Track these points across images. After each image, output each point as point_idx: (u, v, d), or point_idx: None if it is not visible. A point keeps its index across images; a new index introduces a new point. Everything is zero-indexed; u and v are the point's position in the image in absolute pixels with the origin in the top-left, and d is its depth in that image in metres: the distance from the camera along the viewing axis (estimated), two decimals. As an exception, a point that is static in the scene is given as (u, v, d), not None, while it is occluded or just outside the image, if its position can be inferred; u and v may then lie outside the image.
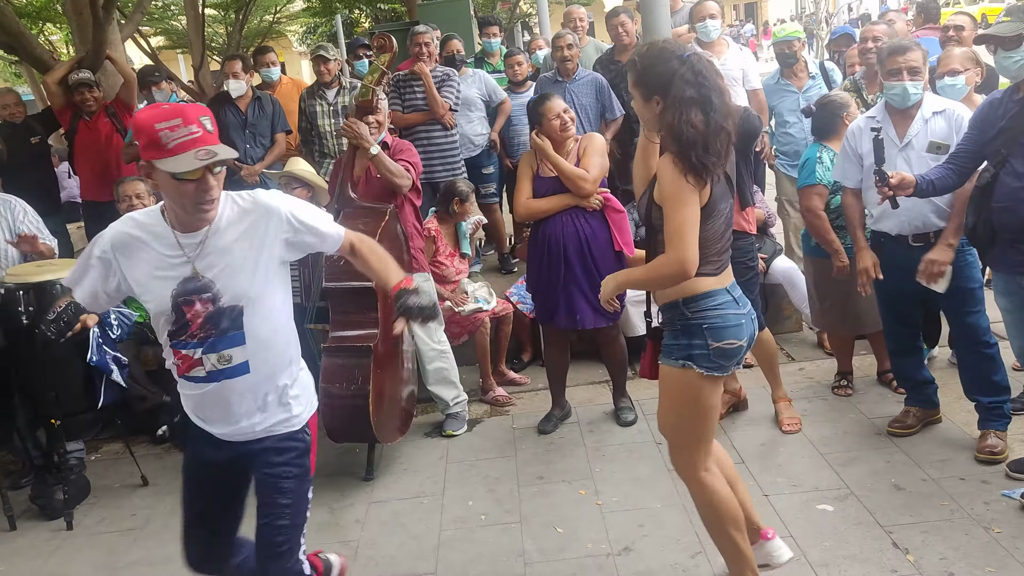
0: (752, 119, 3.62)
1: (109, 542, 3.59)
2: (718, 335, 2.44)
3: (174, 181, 2.04)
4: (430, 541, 3.30)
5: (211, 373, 2.18)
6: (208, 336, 2.16)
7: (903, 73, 3.31)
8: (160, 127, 2.01)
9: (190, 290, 2.13)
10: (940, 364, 4.26)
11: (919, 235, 3.42)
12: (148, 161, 2.06)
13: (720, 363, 2.46)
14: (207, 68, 11.69)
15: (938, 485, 3.28)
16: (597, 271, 3.86)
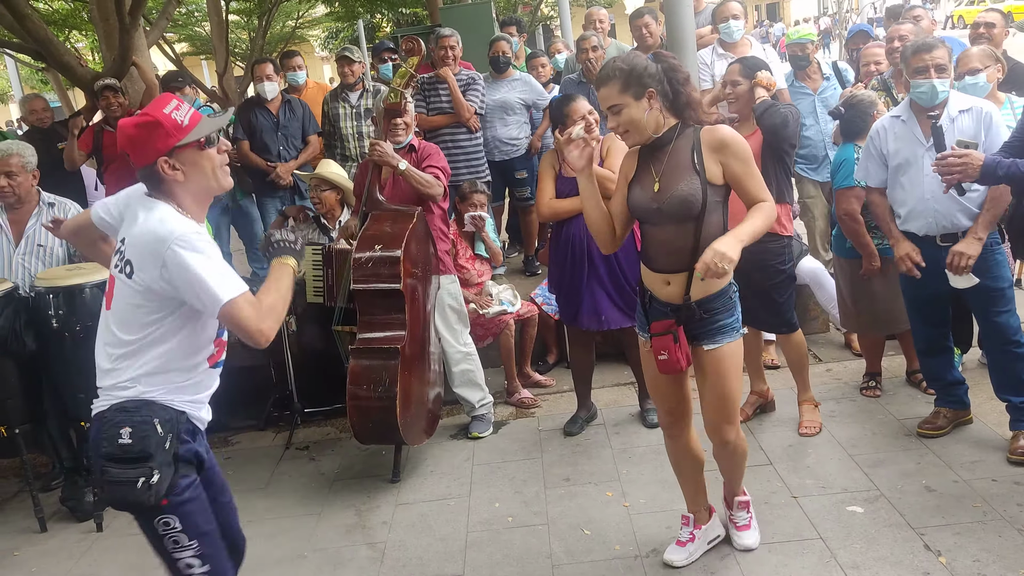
0: (776, 114, 3.57)
1: (140, 543, 3.54)
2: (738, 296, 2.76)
3: (201, 152, 2.17)
4: (457, 543, 3.30)
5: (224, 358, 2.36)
6: None
7: (930, 71, 3.27)
8: (169, 112, 2.14)
9: None
10: (971, 364, 4.21)
11: (947, 235, 3.38)
12: (171, 149, 2.13)
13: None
14: (231, 74, 11.80)
15: (970, 486, 3.23)
16: (621, 271, 3.85)
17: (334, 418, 4.57)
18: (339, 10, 18.27)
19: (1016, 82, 4.38)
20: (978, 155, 2.98)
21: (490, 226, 4.88)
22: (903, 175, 3.42)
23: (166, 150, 2.13)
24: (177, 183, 2.17)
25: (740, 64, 3.76)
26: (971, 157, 2.97)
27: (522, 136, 5.72)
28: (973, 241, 3.28)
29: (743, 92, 3.68)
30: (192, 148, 2.16)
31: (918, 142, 3.35)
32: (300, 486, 3.94)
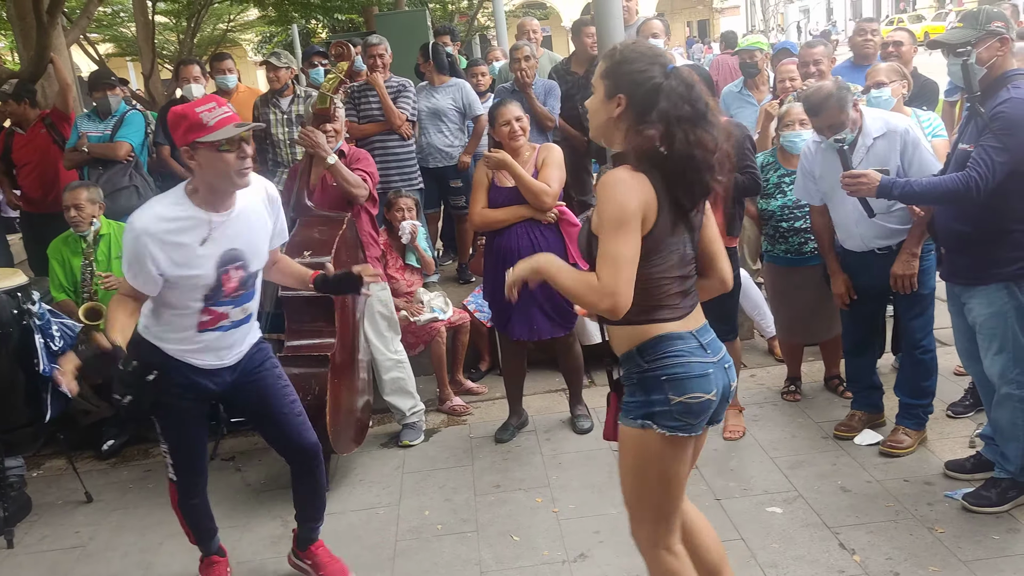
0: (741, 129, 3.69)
1: (52, 560, 3.49)
2: (680, 387, 2.07)
3: (217, 154, 2.47)
4: (385, 552, 3.27)
5: (235, 322, 2.75)
6: (238, 295, 2.70)
7: (824, 130, 3.38)
8: (200, 110, 2.46)
9: (227, 260, 2.62)
10: (883, 369, 4.37)
11: (882, 247, 3.53)
12: (191, 142, 2.47)
13: (685, 421, 2.09)
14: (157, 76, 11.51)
15: (883, 487, 3.36)
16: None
17: (261, 428, 4.48)
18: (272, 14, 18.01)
19: (926, 97, 4.60)
20: (875, 175, 3.15)
21: (423, 235, 4.87)
22: (831, 200, 3.57)
23: (187, 143, 2.48)
24: (196, 170, 2.52)
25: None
26: (868, 176, 3.15)
27: (457, 143, 5.73)
28: (908, 259, 3.45)
29: None
30: (210, 147, 2.46)
31: (838, 166, 3.46)
32: (225, 497, 3.84)
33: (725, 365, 2.17)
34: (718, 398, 2.13)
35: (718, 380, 2.13)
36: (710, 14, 44.07)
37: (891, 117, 3.51)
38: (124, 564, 3.39)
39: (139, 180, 5.26)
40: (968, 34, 2.94)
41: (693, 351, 2.10)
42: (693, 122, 2.01)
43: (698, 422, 2.12)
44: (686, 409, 2.08)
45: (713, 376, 2.11)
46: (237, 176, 2.52)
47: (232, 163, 2.49)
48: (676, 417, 2.08)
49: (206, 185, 2.55)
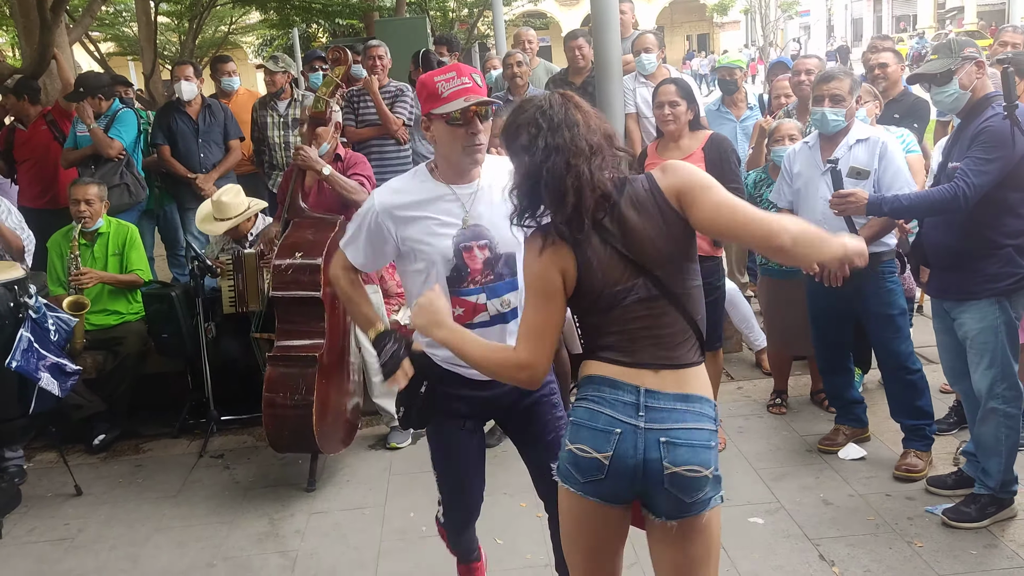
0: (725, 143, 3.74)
1: (39, 551, 3.51)
2: (574, 434, 1.88)
3: (448, 127, 2.24)
4: (370, 552, 3.30)
5: (494, 317, 2.36)
6: (488, 281, 2.33)
7: (825, 100, 3.47)
8: (438, 80, 2.24)
9: (469, 236, 2.31)
10: (870, 385, 4.43)
11: None
12: (427, 113, 2.27)
13: (571, 472, 1.88)
14: (158, 76, 11.54)
15: (864, 500, 3.40)
16: None
17: (252, 426, 4.51)
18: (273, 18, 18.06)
19: (917, 115, 4.67)
20: (862, 193, 3.22)
21: None
22: (802, 197, 3.62)
23: (424, 113, 2.28)
24: (433, 143, 2.33)
25: (675, 85, 3.80)
26: (856, 195, 3.22)
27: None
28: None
29: (682, 112, 3.72)
30: (441, 119, 2.24)
31: (817, 167, 3.54)
32: (213, 494, 3.88)
33: (660, 439, 1.82)
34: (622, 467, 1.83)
35: (627, 447, 1.83)
36: (710, 28, 44.32)
37: (876, 129, 3.62)
38: (111, 557, 3.42)
39: (130, 178, 5.30)
40: (946, 63, 3.02)
41: (615, 403, 1.85)
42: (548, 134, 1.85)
43: (585, 482, 1.87)
44: (573, 459, 1.88)
45: (621, 439, 1.83)
46: (467, 152, 2.26)
47: (462, 137, 2.24)
48: (566, 464, 1.90)
49: (443, 158, 2.33)
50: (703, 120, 4.96)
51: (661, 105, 3.74)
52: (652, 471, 1.83)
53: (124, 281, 4.60)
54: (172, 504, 3.80)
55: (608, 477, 1.85)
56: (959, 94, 3.02)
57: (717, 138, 3.89)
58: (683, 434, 1.84)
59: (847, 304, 3.62)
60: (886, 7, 44.81)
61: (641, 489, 1.88)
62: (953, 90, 3.02)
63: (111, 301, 4.57)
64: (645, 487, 1.86)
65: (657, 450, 1.82)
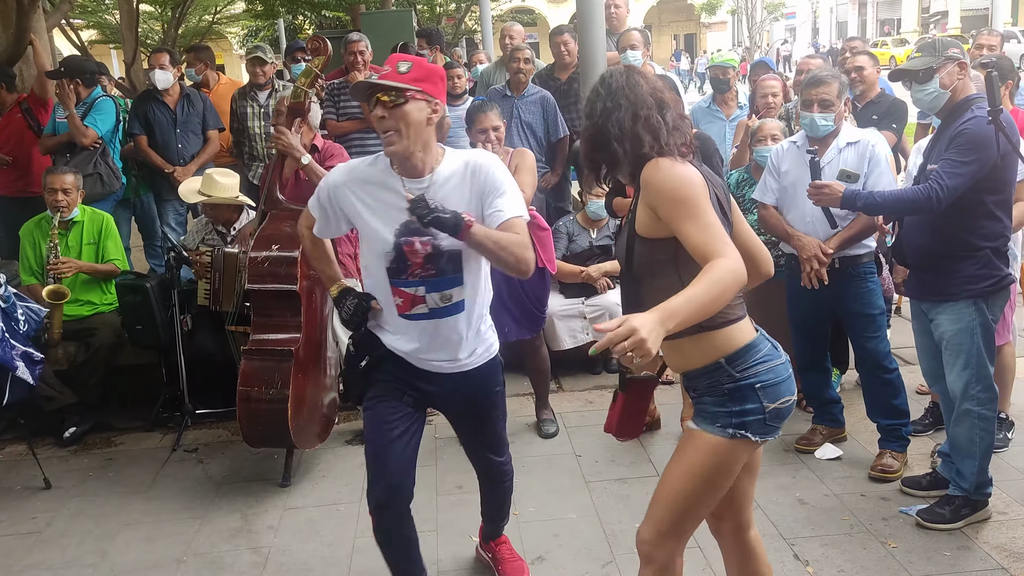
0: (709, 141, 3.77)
1: (6, 545, 3.45)
2: (774, 394, 2.04)
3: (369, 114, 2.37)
4: (344, 548, 3.27)
5: (433, 311, 2.42)
6: (429, 275, 2.38)
7: (814, 105, 3.47)
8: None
9: (411, 231, 2.33)
10: (848, 385, 4.44)
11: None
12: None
13: (775, 426, 2.09)
14: (139, 65, 11.40)
15: (840, 500, 3.41)
16: (520, 285, 3.90)
17: (227, 420, 4.45)
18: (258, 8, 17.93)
19: (894, 117, 4.69)
20: (839, 185, 3.23)
21: None
22: (788, 197, 3.61)
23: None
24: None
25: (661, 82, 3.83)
26: (831, 187, 3.23)
27: None
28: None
29: None
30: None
31: (806, 168, 3.54)
32: (185, 489, 3.82)
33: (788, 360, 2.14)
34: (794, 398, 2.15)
35: (792, 383, 2.14)
36: (697, 28, 44.44)
37: (865, 132, 3.63)
38: (79, 551, 3.36)
39: (104, 168, 5.23)
40: (928, 61, 3.02)
41: (773, 355, 2.09)
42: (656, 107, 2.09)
43: (781, 425, 2.12)
44: (777, 415, 2.07)
45: (792, 376, 2.13)
46: (383, 141, 2.31)
47: (375, 123, 2.32)
48: (768, 423, 2.06)
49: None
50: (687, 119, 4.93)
51: None
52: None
53: (102, 271, 4.54)
54: (143, 499, 3.75)
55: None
56: (939, 93, 3.02)
57: (701, 137, 3.88)
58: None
59: (826, 304, 3.63)
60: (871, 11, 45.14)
61: None
62: (933, 89, 3.02)
63: (84, 291, 4.50)
64: None
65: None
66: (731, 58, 5.51)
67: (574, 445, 4.03)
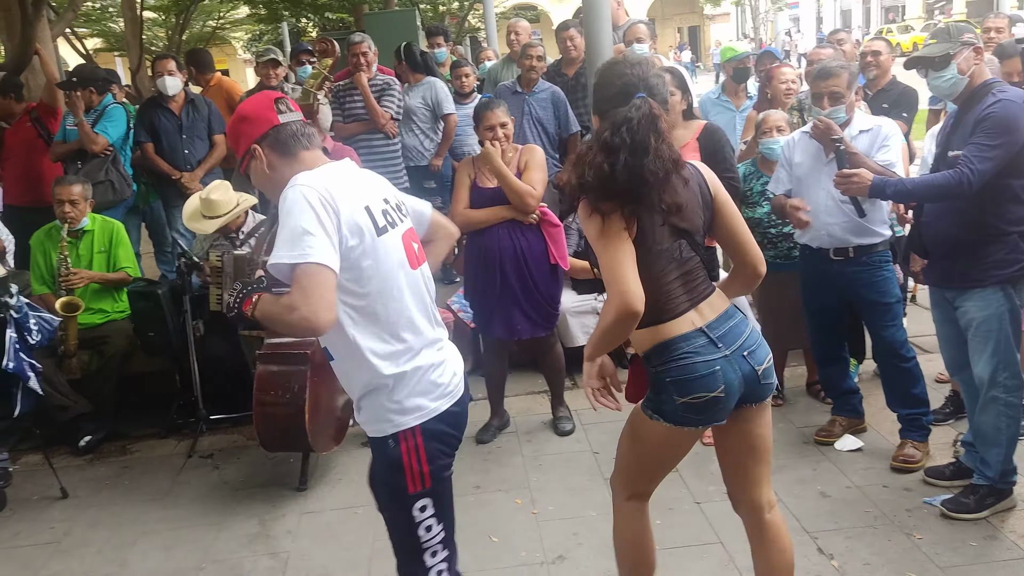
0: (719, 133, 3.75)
1: (25, 556, 3.44)
2: (683, 389, 2.17)
3: None
4: (363, 552, 3.25)
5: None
6: None
7: (824, 99, 3.43)
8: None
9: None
10: (866, 375, 4.39)
11: (839, 249, 3.53)
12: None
13: (691, 417, 2.20)
14: (144, 72, 11.43)
15: (862, 492, 3.37)
16: (533, 283, 3.87)
17: (242, 425, 4.45)
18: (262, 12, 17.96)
19: (905, 105, 4.64)
20: (867, 174, 3.16)
21: None
22: (802, 187, 3.57)
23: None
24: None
25: (668, 75, 3.78)
26: (860, 175, 3.16)
27: (428, 143, 5.71)
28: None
29: (676, 102, 3.68)
30: None
31: (819, 158, 3.50)
32: (202, 495, 3.82)
33: (743, 353, 2.21)
34: (733, 389, 2.19)
35: (728, 374, 2.18)
36: (701, 20, 44.26)
37: (878, 119, 3.59)
38: (98, 560, 3.35)
39: (115, 175, 5.23)
40: (944, 47, 2.98)
41: (699, 351, 2.17)
42: (603, 149, 2.08)
43: (706, 416, 2.21)
44: (691, 408, 2.19)
45: (721, 372, 2.17)
46: None
47: None
48: (682, 415, 2.21)
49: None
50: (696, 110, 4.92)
51: None
52: (750, 378, 2.23)
53: (113, 279, 4.53)
54: (160, 506, 3.74)
55: (726, 402, 2.21)
56: (957, 79, 2.98)
57: (711, 128, 3.84)
58: (749, 340, 2.25)
59: (842, 294, 3.59)
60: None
61: (745, 395, 2.25)
62: (951, 75, 2.98)
63: (96, 299, 4.50)
64: (749, 391, 2.25)
65: (746, 362, 2.22)
66: (743, 49, 5.47)
67: (591, 442, 4.00)
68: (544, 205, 3.95)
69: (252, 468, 4.05)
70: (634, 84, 2.14)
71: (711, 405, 2.19)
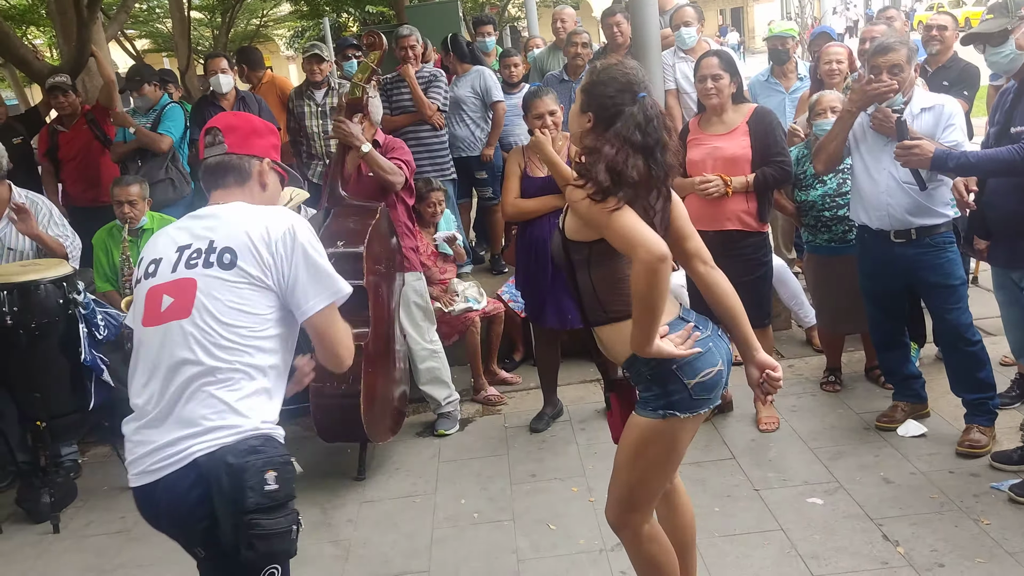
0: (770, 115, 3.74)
1: (97, 544, 3.56)
2: (691, 371, 2.18)
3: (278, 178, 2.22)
4: (423, 539, 3.29)
5: None
6: None
7: (883, 73, 3.35)
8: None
9: None
10: (928, 360, 4.29)
11: (900, 231, 3.45)
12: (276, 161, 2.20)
13: (704, 397, 2.21)
14: (193, 71, 11.65)
15: (927, 478, 3.30)
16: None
17: (300, 417, 4.52)
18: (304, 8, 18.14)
19: (967, 82, 4.50)
20: (928, 145, 3.09)
21: (453, 225, 4.88)
22: (864, 167, 3.48)
23: (277, 156, 2.17)
24: (261, 188, 2.10)
25: (717, 57, 3.73)
26: (922, 147, 3.09)
27: (478, 132, 5.72)
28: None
29: (725, 85, 3.66)
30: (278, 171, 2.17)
31: (880, 139, 3.42)
32: (263, 485, 3.89)
33: (719, 333, 2.28)
34: (726, 366, 2.24)
35: (720, 349, 2.23)
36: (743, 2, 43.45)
37: (939, 96, 3.49)
38: (168, 548, 3.34)
39: (175, 173, 5.34)
40: (1002, 23, 2.90)
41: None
42: (639, 150, 2.09)
43: (715, 394, 2.23)
44: (702, 387, 2.19)
45: (714, 348, 2.22)
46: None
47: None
48: (694, 398, 2.19)
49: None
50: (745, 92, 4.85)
51: (704, 79, 3.66)
52: (730, 356, 2.27)
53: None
54: (224, 495, 3.83)
55: (724, 380, 2.23)
56: (1015, 55, 2.91)
57: (762, 111, 3.79)
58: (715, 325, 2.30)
59: (903, 277, 3.50)
60: (926, -28, 43.47)
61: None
62: (1009, 50, 2.91)
63: (158, 295, 4.60)
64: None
65: (723, 342, 2.26)
66: (790, 28, 5.36)
67: (645, 430, 3.99)
68: None
69: (311, 458, 4.11)
70: (637, 83, 2.15)
71: (718, 380, 2.21)
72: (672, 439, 2.24)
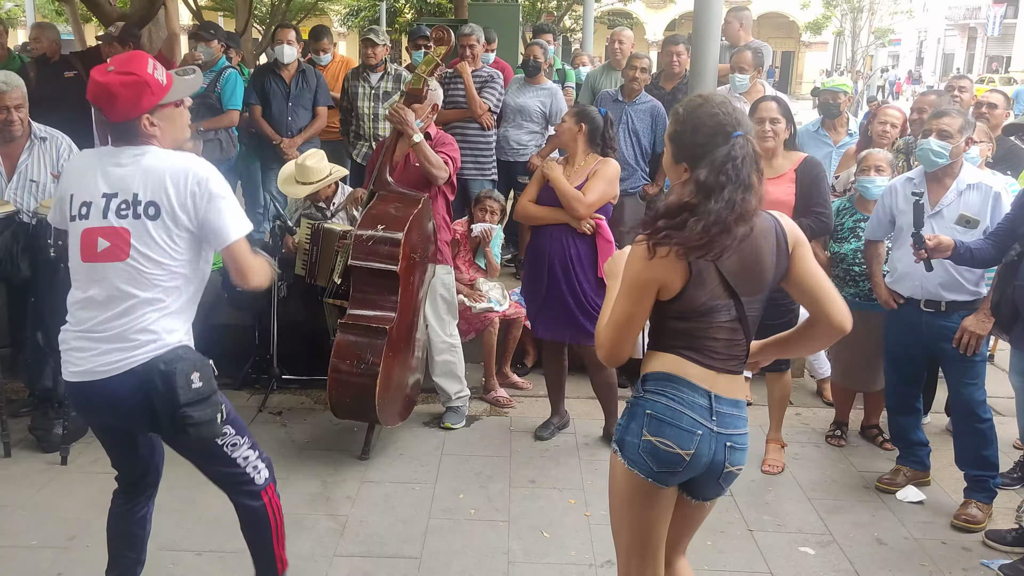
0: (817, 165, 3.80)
1: (102, 482, 3.59)
2: (656, 428, 2.01)
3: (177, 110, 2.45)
4: (418, 527, 3.35)
5: None
6: None
7: (932, 134, 3.39)
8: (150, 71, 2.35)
9: None
10: (935, 429, 4.32)
11: (931, 301, 3.49)
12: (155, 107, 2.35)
13: (645, 461, 2.03)
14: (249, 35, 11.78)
15: (919, 545, 3.33)
16: (582, 290, 3.89)
17: (310, 388, 4.60)
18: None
19: (1012, 162, 4.53)
20: (948, 240, 3.16)
21: (498, 240, 4.92)
22: (904, 235, 3.53)
23: (150, 107, 2.32)
24: (154, 138, 2.34)
25: (776, 103, 3.80)
26: (940, 241, 3.17)
27: (532, 144, 5.77)
28: (984, 318, 3.36)
29: (781, 130, 3.71)
30: (170, 106, 2.38)
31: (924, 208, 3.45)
32: (269, 449, 3.85)
33: (727, 443, 2.05)
34: (697, 464, 2.03)
35: (705, 448, 2.02)
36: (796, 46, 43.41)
37: (986, 174, 3.51)
38: (169, 497, 3.47)
39: (223, 134, 5.45)
40: None
41: (694, 407, 2.02)
42: (735, 184, 1.93)
43: (660, 471, 2.03)
44: (651, 451, 2.02)
45: (702, 441, 2.02)
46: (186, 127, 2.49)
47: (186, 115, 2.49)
48: (639, 453, 2.03)
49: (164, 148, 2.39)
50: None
51: (762, 121, 3.71)
52: (715, 469, 2.08)
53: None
54: (229, 453, 3.89)
55: (683, 471, 2.06)
56: None
57: (811, 161, 3.83)
58: (740, 439, 2.10)
59: (927, 345, 3.54)
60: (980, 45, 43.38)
61: (696, 480, 2.11)
62: None
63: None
64: (701, 479, 2.10)
65: (723, 453, 2.07)
66: (844, 83, 5.39)
67: (647, 455, 4.03)
68: (601, 218, 3.94)
69: (318, 431, 4.19)
70: (729, 123, 1.99)
71: (671, 462, 2.02)
72: (619, 483, 2.11)
